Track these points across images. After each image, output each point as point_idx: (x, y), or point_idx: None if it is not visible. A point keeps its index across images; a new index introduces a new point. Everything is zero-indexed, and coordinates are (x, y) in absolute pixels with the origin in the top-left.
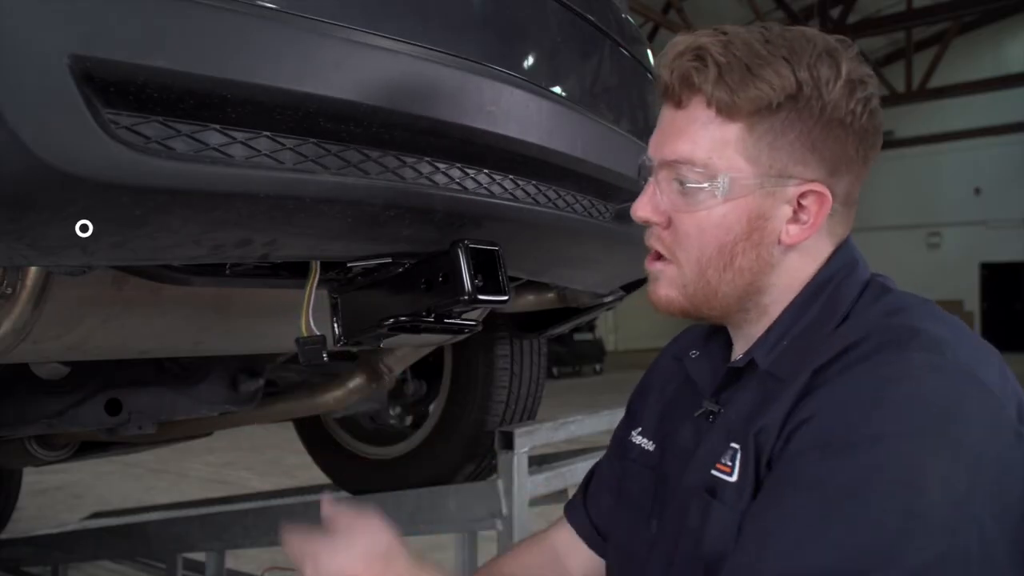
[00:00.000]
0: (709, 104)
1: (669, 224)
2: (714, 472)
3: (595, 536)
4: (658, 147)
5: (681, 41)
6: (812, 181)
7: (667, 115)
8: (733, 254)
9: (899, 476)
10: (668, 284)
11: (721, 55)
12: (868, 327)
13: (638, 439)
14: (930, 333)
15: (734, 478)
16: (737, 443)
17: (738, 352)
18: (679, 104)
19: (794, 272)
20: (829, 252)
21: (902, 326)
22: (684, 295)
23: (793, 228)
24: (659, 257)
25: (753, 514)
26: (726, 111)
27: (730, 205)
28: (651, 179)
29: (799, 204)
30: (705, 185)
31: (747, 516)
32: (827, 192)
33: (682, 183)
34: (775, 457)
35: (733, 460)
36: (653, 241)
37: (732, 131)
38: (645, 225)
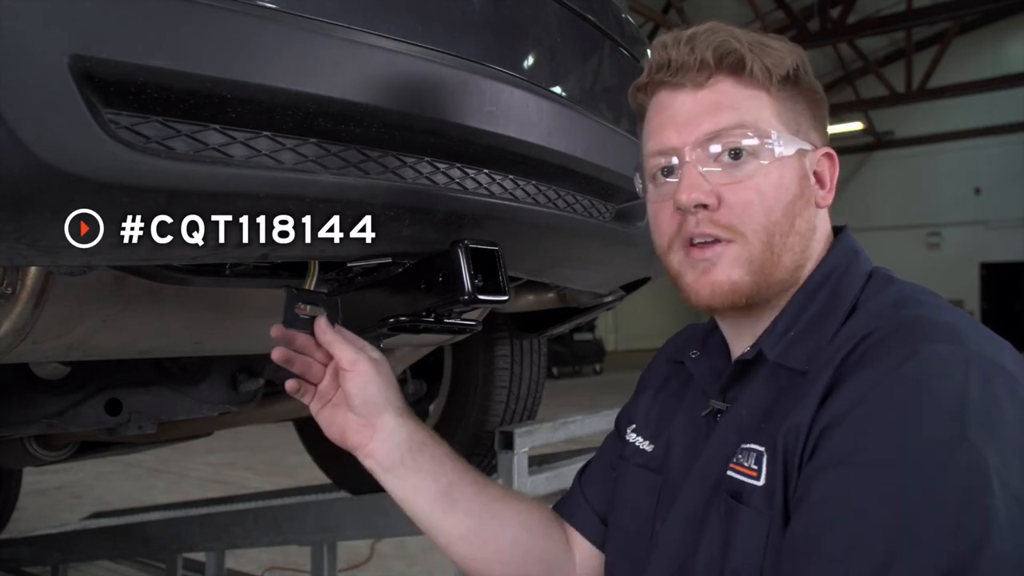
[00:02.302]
0: (745, 73)
1: (720, 203)
2: (732, 473)
3: (604, 530)
4: (691, 129)
5: (681, 31)
6: (823, 146)
7: (684, 100)
8: (795, 214)
9: (965, 478)
10: (730, 265)
11: (738, 32)
12: (879, 318)
13: (633, 436)
14: (948, 322)
15: (761, 481)
16: (760, 444)
17: (739, 348)
18: (701, 85)
19: (820, 240)
20: (827, 234)
21: (920, 316)
22: (750, 272)
23: (820, 191)
24: (710, 244)
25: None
26: (759, 80)
27: (783, 166)
28: (685, 165)
29: (816, 170)
30: (761, 147)
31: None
32: (835, 154)
33: (734, 152)
34: (805, 461)
35: (759, 463)
36: (705, 227)
37: (765, 100)
38: (690, 212)
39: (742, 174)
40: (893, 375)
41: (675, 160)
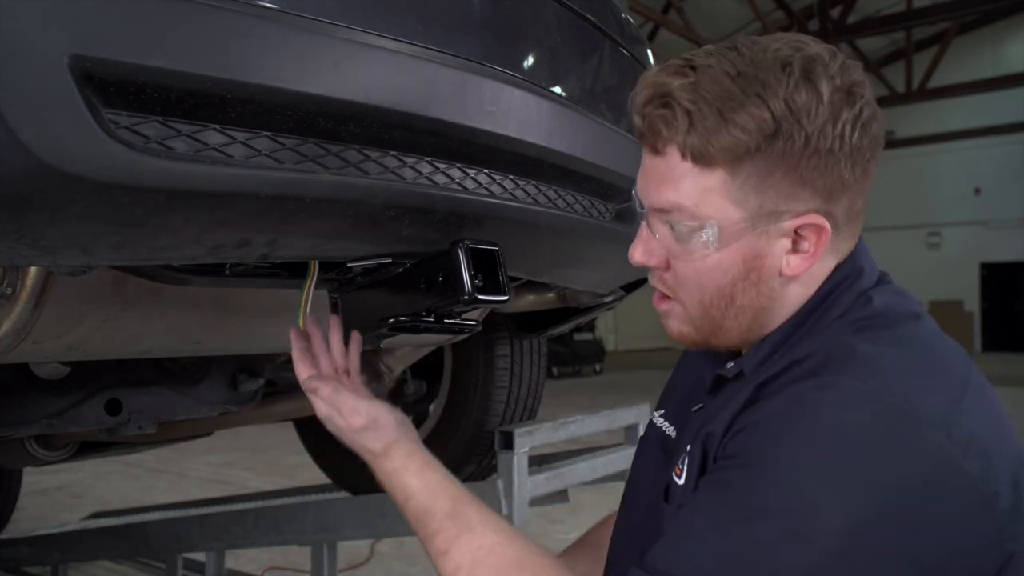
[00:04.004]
0: (684, 155)
1: (668, 266)
2: (672, 473)
3: None
4: (645, 192)
5: (649, 83)
6: (806, 213)
7: (648, 159)
8: (733, 294)
9: (789, 500)
10: (678, 320)
11: (690, 101)
12: (820, 343)
13: (660, 421)
14: (872, 358)
15: (682, 481)
16: (692, 446)
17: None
18: (655, 151)
19: (797, 299)
20: (832, 269)
21: (848, 348)
22: (694, 329)
23: (794, 259)
24: (665, 296)
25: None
26: (703, 160)
27: (724, 249)
28: (643, 223)
29: (797, 234)
30: (696, 233)
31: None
32: (824, 222)
33: (674, 228)
34: (711, 465)
35: (683, 463)
36: (656, 282)
37: (714, 178)
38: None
39: (682, 250)
40: (791, 403)
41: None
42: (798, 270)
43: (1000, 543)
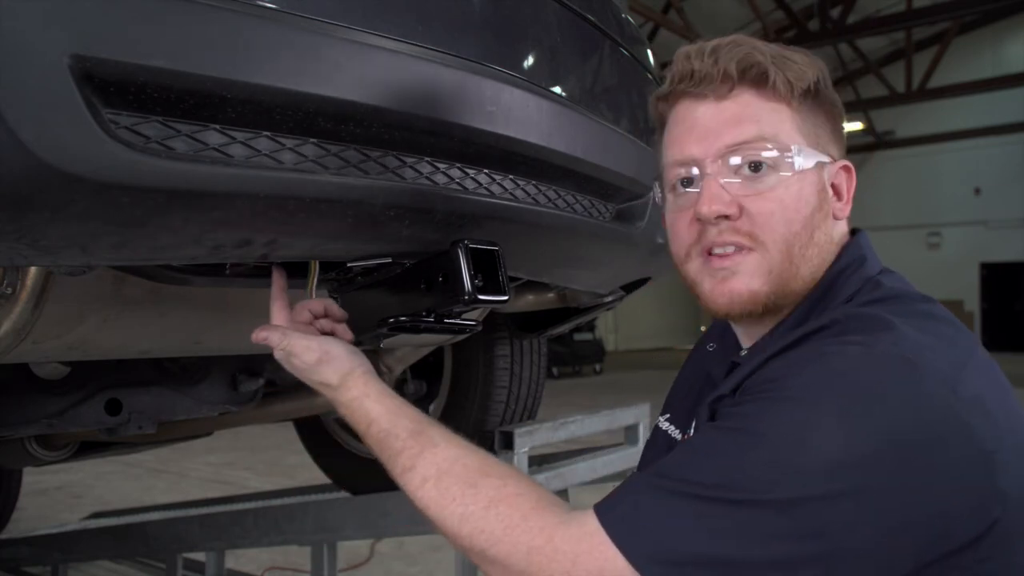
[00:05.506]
0: (767, 86)
1: (741, 213)
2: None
3: None
4: (712, 140)
5: (705, 43)
6: (838, 159)
7: (705, 111)
8: (814, 226)
9: (788, 431)
10: (751, 275)
11: (761, 45)
12: (839, 314)
13: (665, 425)
14: (888, 322)
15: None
16: (701, 413)
17: (748, 345)
18: (724, 96)
19: (837, 248)
20: (846, 235)
21: (861, 314)
22: (768, 282)
23: (837, 203)
24: (728, 255)
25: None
26: (780, 93)
27: (803, 178)
28: (706, 177)
29: (836, 178)
30: (780, 161)
31: None
32: (852, 167)
33: (755, 165)
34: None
35: (691, 430)
36: (727, 236)
37: (785, 113)
38: (713, 223)
39: (763, 186)
40: (805, 353)
41: (695, 171)
42: (843, 213)
43: (987, 506)
